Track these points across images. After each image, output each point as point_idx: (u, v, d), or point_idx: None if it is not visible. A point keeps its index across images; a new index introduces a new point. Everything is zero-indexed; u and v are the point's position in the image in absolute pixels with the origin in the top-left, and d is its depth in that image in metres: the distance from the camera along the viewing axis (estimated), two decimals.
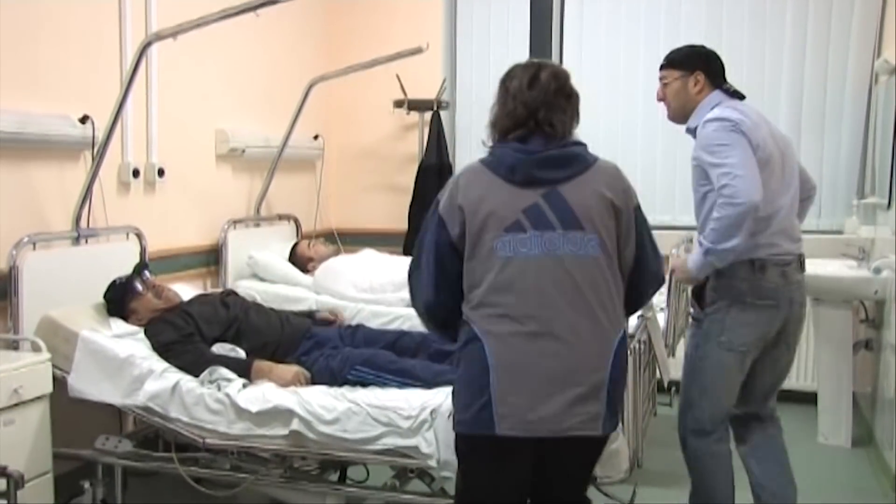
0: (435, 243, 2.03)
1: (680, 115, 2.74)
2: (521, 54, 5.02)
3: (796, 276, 2.62)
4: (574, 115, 2.04)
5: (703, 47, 2.75)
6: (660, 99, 2.79)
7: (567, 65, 4.94)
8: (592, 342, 1.90)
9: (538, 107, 1.98)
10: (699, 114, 2.64)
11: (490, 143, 2.08)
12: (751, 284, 2.55)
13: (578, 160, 1.97)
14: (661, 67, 2.77)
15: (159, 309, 3.06)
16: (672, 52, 2.76)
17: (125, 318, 3.07)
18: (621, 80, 4.82)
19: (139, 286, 3.10)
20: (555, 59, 5.06)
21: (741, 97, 2.68)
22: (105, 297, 3.10)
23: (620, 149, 4.76)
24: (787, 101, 4.56)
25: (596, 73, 4.85)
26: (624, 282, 1.99)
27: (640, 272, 2.01)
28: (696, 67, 2.67)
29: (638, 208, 2.01)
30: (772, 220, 2.56)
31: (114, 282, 3.12)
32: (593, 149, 2.05)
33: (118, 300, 3.08)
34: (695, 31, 4.65)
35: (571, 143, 2.00)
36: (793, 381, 4.51)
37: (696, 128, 2.63)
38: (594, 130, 4.82)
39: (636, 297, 2.06)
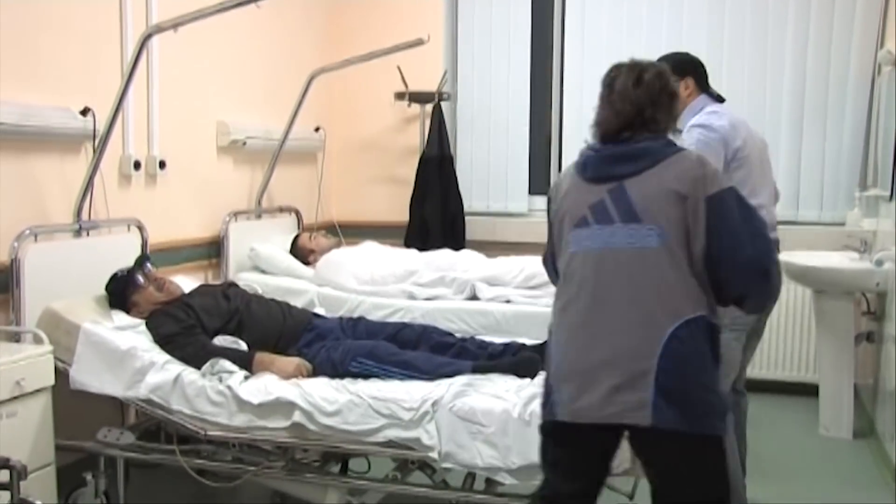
0: (548, 238, 2.19)
1: None
2: (523, 45, 5.01)
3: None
4: (675, 114, 2.11)
5: (690, 54, 3.04)
6: None
7: (568, 56, 4.93)
8: (640, 332, 1.90)
9: (645, 105, 2.03)
10: (687, 116, 2.88)
11: (591, 143, 2.12)
12: None
13: (648, 155, 1.98)
14: None
15: (161, 302, 3.06)
16: (664, 59, 2.90)
17: (127, 311, 3.07)
18: None
19: (140, 279, 3.10)
20: (556, 49, 5.05)
21: (722, 100, 2.97)
22: (106, 289, 3.10)
23: None
24: (789, 92, 4.55)
25: (597, 63, 4.83)
26: (693, 269, 1.93)
27: (725, 260, 1.93)
28: (687, 73, 2.92)
29: (712, 198, 1.93)
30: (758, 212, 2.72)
31: (115, 274, 3.12)
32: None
33: (119, 293, 3.08)
34: (697, 20, 4.65)
35: (644, 138, 2.01)
36: (794, 373, 4.52)
37: (683, 129, 2.82)
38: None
39: (729, 287, 1.97)
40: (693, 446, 1.90)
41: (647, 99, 2.03)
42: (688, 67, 2.94)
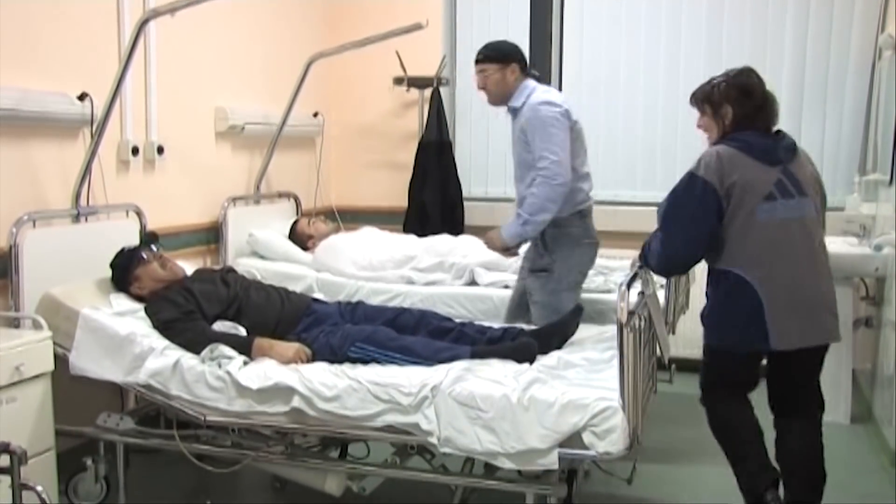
0: (704, 210, 2.50)
1: (500, 99, 3.28)
2: (521, 30, 4.98)
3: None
4: None
5: (509, 42, 3.31)
6: (480, 88, 3.28)
7: (567, 41, 4.91)
8: (827, 276, 2.60)
9: (774, 104, 2.64)
10: (518, 96, 3.21)
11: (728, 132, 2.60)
12: (581, 229, 3.25)
13: (794, 145, 2.60)
14: (479, 61, 3.25)
15: (163, 280, 3.06)
16: (488, 50, 3.26)
17: (128, 287, 3.07)
18: (622, 51, 4.79)
19: (145, 255, 3.11)
20: (554, 34, 5.02)
21: (542, 80, 3.32)
22: (111, 264, 3.11)
23: (622, 127, 4.75)
24: (788, 76, 4.53)
25: (595, 48, 4.82)
26: None
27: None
28: (512, 59, 3.22)
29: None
30: (586, 180, 3.28)
31: (122, 250, 3.13)
32: (594, 129, 2.08)
33: (124, 267, 3.09)
34: (696, 4, 4.62)
35: (783, 133, 2.62)
36: None
37: (519, 107, 3.18)
38: (594, 107, 4.81)
39: None
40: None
41: (774, 100, 2.63)
42: (511, 54, 3.24)
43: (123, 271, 3.08)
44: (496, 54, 3.23)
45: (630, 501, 3.04)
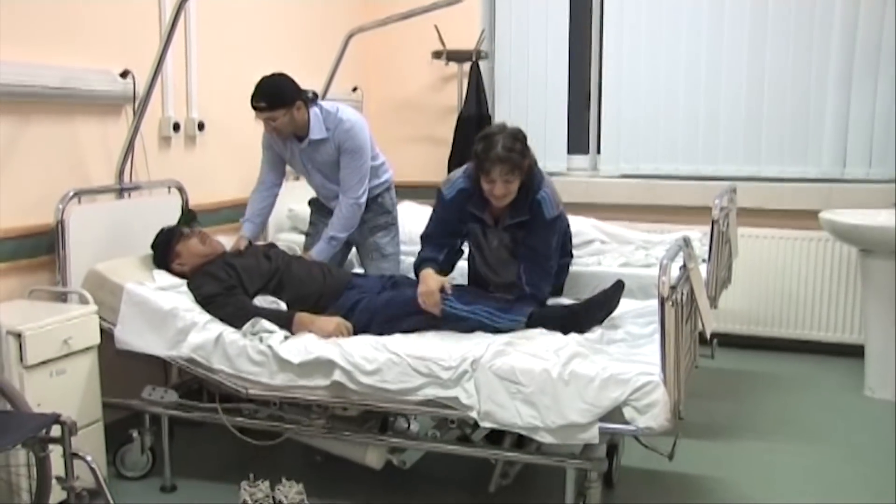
0: None
1: (294, 134, 3.31)
2: (561, 2, 4.91)
3: None
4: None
5: (282, 78, 3.24)
6: (274, 132, 3.27)
7: (608, 12, 4.82)
8: None
9: None
10: (316, 128, 3.28)
11: None
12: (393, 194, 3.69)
13: None
14: (263, 110, 3.18)
15: (203, 255, 3.10)
16: (269, 98, 3.17)
17: (169, 264, 3.11)
18: (663, 28, 4.69)
19: (185, 230, 3.15)
20: (594, 5, 4.94)
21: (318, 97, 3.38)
22: (152, 245, 3.16)
23: (663, 102, 4.67)
24: (838, 43, 4.37)
25: (637, 20, 4.72)
26: None
27: None
28: (295, 98, 3.20)
29: None
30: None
31: (161, 230, 3.18)
32: (636, 106, 2.02)
33: (165, 244, 3.13)
34: None
35: None
36: (838, 334, 4.44)
37: (327, 137, 3.28)
38: (635, 79, 4.73)
39: None
40: None
41: None
42: (294, 93, 3.21)
43: (165, 248, 3.12)
44: (280, 100, 3.17)
45: (671, 477, 3.03)
